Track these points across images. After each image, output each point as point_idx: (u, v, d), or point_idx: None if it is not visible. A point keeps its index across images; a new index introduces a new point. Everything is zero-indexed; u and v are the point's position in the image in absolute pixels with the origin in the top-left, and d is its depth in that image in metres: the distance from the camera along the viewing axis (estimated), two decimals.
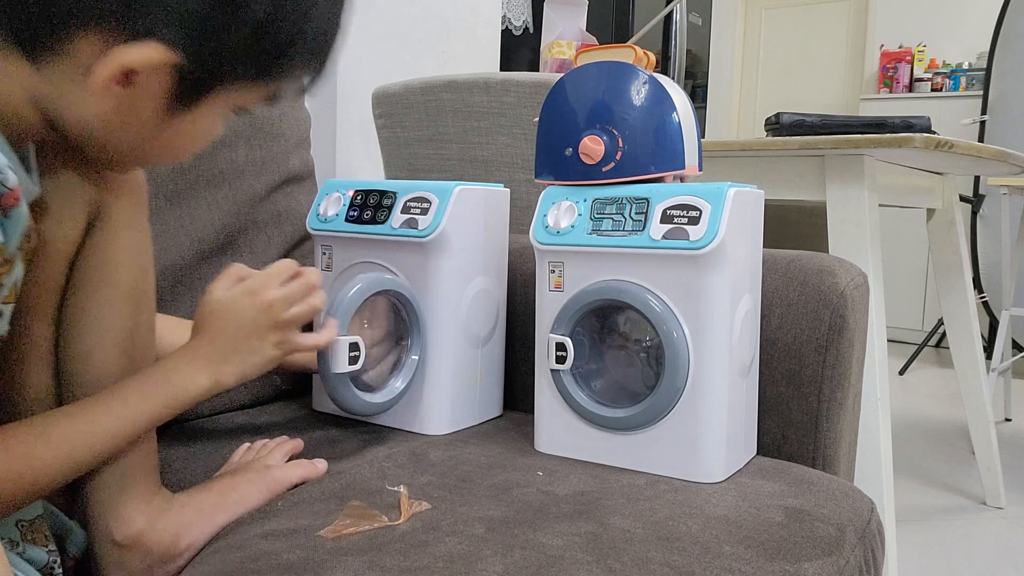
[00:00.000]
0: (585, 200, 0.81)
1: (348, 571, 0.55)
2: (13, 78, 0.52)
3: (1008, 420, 2.74)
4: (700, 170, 0.82)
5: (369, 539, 0.60)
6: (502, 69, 2.57)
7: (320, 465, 0.75)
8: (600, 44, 1.12)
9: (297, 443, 0.81)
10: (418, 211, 0.88)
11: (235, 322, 0.68)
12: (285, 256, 1.10)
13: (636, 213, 0.77)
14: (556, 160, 0.83)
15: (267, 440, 0.81)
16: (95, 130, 0.54)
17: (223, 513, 0.67)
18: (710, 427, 0.76)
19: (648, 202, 0.77)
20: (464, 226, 0.89)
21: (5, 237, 0.51)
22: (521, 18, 3.44)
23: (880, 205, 1.43)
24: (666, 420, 0.77)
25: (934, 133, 1.35)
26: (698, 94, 4.90)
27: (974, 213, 3.57)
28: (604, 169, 0.80)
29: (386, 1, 1.98)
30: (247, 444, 0.81)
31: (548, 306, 0.82)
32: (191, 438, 0.86)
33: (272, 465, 0.74)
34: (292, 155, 1.13)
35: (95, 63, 0.50)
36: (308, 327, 0.75)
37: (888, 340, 3.66)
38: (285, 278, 0.71)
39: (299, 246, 1.12)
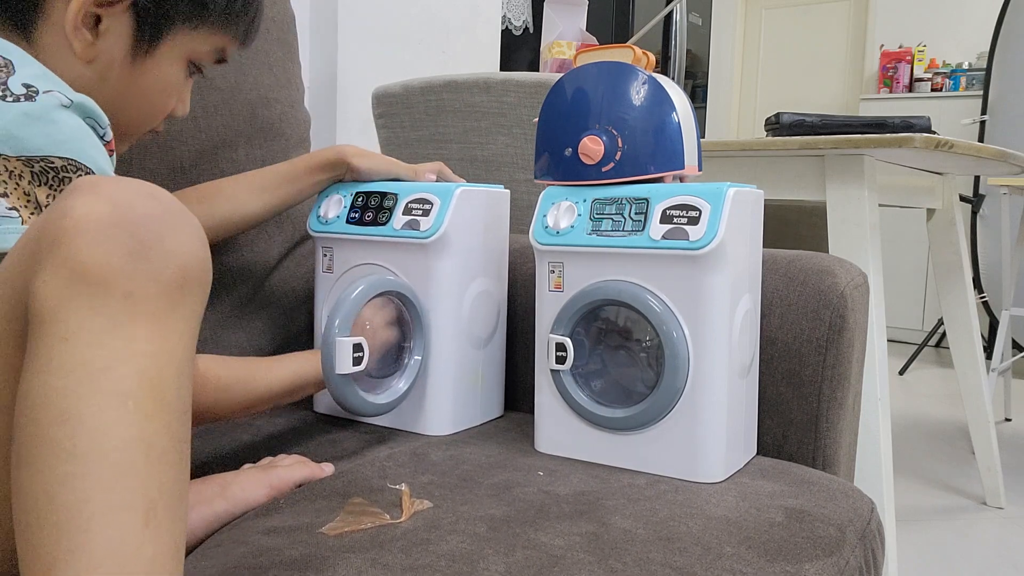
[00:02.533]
0: (585, 200, 0.81)
1: (350, 568, 0.56)
2: None
3: (1008, 420, 2.74)
4: (700, 170, 0.82)
5: (371, 537, 0.61)
6: (502, 69, 2.57)
7: (327, 468, 0.75)
8: (600, 44, 1.12)
9: (314, 469, 0.76)
10: (420, 212, 0.88)
11: None
12: (285, 256, 1.11)
13: (636, 213, 0.77)
14: (556, 160, 0.83)
15: (270, 458, 0.80)
16: (83, 91, 0.62)
17: (223, 502, 0.67)
18: (710, 427, 0.76)
19: (648, 202, 0.77)
20: (465, 227, 0.90)
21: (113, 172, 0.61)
22: (521, 18, 3.44)
23: (880, 205, 1.44)
24: (666, 420, 0.77)
25: (934, 133, 1.35)
26: (698, 94, 4.91)
27: (974, 213, 3.58)
28: (604, 169, 0.81)
29: (386, 1, 1.98)
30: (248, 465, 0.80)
31: (548, 306, 0.82)
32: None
33: (277, 465, 0.74)
34: (292, 155, 1.13)
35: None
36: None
37: (888, 340, 3.66)
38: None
39: (299, 246, 1.13)
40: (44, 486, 0.42)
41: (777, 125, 1.48)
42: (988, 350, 3.40)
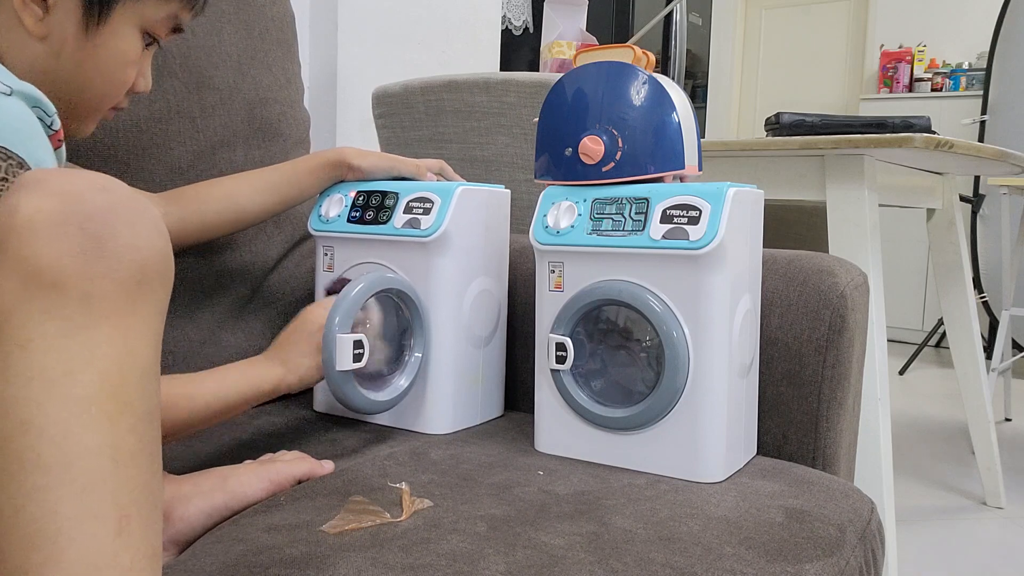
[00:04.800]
0: (585, 200, 0.81)
1: (351, 567, 0.56)
2: None
3: (1008, 420, 2.74)
4: (700, 170, 0.82)
5: (371, 535, 0.61)
6: (502, 69, 2.57)
7: (327, 465, 0.75)
8: (600, 44, 1.12)
9: (314, 465, 0.75)
10: (420, 211, 0.88)
11: (300, 335, 0.80)
12: (285, 256, 1.11)
13: (636, 213, 0.77)
14: (556, 160, 0.83)
15: (271, 454, 0.80)
16: (39, 70, 0.63)
17: (221, 495, 0.67)
18: (710, 427, 0.76)
19: (648, 202, 0.77)
20: (466, 226, 0.90)
21: (61, 163, 0.61)
22: (521, 18, 3.44)
23: (880, 205, 1.44)
24: (666, 420, 0.77)
25: (934, 133, 1.35)
26: (698, 94, 4.90)
27: (974, 213, 3.58)
28: (604, 169, 0.81)
29: (386, 1, 1.98)
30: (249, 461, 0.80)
31: (548, 306, 0.82)
32: (191, 435, 0.87)
33: (278, 460, 0.74)
34: (292, 155, 1.13)
35: None
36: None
37: (888, 340, 3.66)
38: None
39: (299, 246, 1.13)
40: (10, 499, 0.41)
41: (777, 125, 1.48)
42: (988, 350, 3.40)
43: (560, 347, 0.81)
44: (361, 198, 0.93)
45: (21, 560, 0.40)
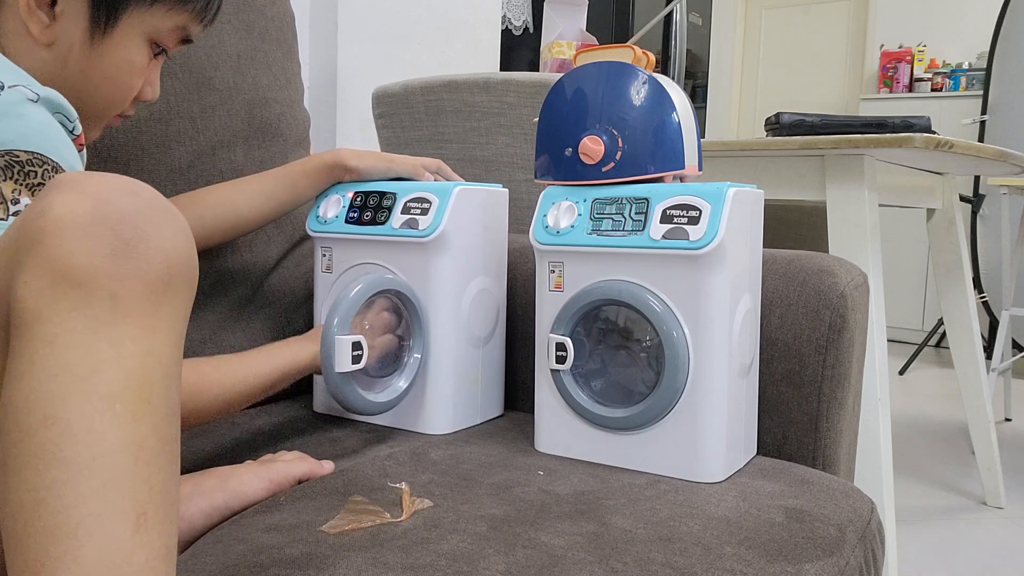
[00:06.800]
0: (585, 200, 0.81)
1: (351, 567, 0.56)
2: None
3: (1008, 420, 2.74)
4: (700, 170, 0.82)
5: (371, 535, 0.61)
6: (502, 69, 2.57)
7: (327, 465, 0.75)
8: (600, 44, 1.12)
9: (314, 465, 0.76)
10: (418, 211, 0.88)
11: None
12: (284, 256, 1.11)
13: (636, 213, 0.77)
14: (556, 160, 0.83)
15: (271, 454, 0.80)
16: (45, 76, 0.63)
17: (222, 495, 0.67)
18: (710, 427, 0.76)
19: (648, 202, 0.77)
20: (464, 226, 0.90)
21: (83, 166, 0.61)
22: (521, 18, 3.44)
23: (880, 205, 1.44)
24: (666, 420, 0.77)
25: (934, 133, 1.35)
26: (698, 94, 4.90)
27: (974, 213, 3.57)
28: (604, 169, 0.81)
29: (386, 1, 1.98)
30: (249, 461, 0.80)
31: (548, 306, 0.82)
32: (191, 435, 0.87)
33: (278, 460, 0.74)
34: (292, 155, 1.13)
35: None
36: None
37: (888, 340, 3.66)
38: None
39: (299, 246, 1.12)
40: (31, 492, 0.41)
41: (777, 125, 1.48)
42: (988, 350, 3.39)
43: (560, 347, 0.80)
44: (359, 199, 0.93)
45: (39, 553, 0.41)
